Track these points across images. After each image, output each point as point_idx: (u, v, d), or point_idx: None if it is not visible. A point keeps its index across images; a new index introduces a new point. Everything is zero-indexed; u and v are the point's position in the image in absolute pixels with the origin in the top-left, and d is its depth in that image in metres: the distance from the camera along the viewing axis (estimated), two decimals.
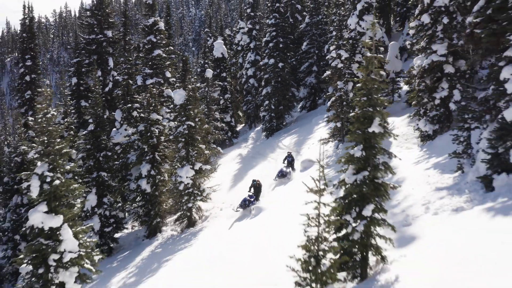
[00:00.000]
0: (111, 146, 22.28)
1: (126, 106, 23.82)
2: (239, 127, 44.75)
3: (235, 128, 40.29)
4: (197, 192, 19.63)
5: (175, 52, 28.29)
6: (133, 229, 23.35)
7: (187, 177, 19.14)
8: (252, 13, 40.27)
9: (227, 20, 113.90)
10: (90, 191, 20.07)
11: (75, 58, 30.09)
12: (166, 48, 25.47)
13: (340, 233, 7.84)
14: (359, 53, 22.06)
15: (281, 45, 33.13)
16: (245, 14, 42.13)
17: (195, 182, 19.63)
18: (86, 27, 30.07)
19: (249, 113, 41.24)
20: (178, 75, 29.93)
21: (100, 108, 20.82)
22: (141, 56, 25.32)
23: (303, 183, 6.04)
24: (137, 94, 24.13)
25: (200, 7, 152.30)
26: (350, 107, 20.19)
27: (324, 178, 5.29)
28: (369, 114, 7.56)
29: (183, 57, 31.64)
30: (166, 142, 21.06)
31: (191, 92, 20.24)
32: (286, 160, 21.90)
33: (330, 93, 22.34)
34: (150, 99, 20.31)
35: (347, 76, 21.25)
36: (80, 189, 13.21)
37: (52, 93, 13.08)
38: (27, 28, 32.09)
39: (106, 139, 21.40)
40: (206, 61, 40.35)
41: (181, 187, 19.19)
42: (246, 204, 18.57)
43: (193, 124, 19.80)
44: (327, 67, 26.79)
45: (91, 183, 20.28)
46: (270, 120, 33.18)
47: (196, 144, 19.97)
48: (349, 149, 7.75)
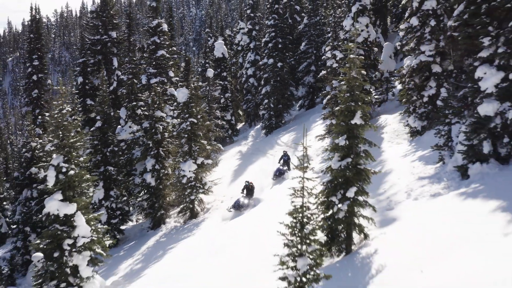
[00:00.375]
0: (116, 143, 23.35)
1: (131, 104, 24.91)
2: (240, 126, 45.79)
3: (236, 126, 41.35)
4: (199, 185, 20.70)
5: (178, 53, 29.35)
6: (138, 222, 24.43)
7: (190, 171, 20.20)
8: (252, 14, 41.31)
9: (228, 20, 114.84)
10: (98, 185, 21.14)
11: (81, 58, 31.18)
12: (169, 49, 26.56)
13: (328, 213, 8.90)
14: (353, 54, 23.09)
15: (280, 46, 34.20)
16: (245, 15, 43.19)
17: (197, 176, 20.70)
18: (91, 28, 31.18)
19: (249, 112, 42.30)
20: (181, 74, 30.99)
21: (107, 106, 21.92)
22: (146, 56, 26.44)
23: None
24: (142, 93, 25.21)
25: (201, 7, 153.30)
26: None
27: (307, 157, 6.34)
28: (352, 108, 8.63)
29: (186, 57, 32.68)
30: (170, 138, 22.13)
31: (194, 91, 21.31)
32: (282, 159, 22.02)
33: (326, 92, 23.38)
34: (155, 98, 21.38)
35: (342, 76, 22.30)
36: (92, 180, 14.32)
37: (67, 91, 14.14)
38: (34, 29, 33.19)
39: (113, 135, 22.50)
40: (207, 61, 41.39)
41: (184, 181, 20.26)
42: (240, 205, 18.91)
43: (196, 121, 20.86)
44: (324, 67, 27.83)
45: (99, 177, 21.34)
46: (269, 118, 34.26)
47: (198, 140, 21.04)
48: (335, 139, 8.83)
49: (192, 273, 13.28)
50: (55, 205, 13.36)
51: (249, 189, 19.86)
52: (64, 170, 13.30)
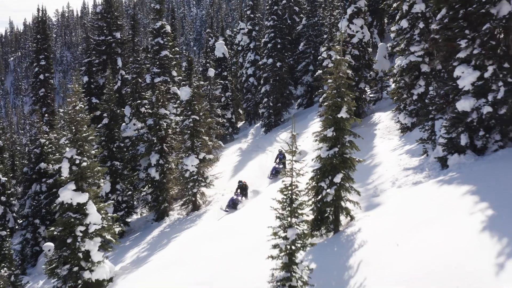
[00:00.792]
0: (122, 139, 24.45)
1: (135, 103, 26.01)
2: (240, 124, 46.88)
3: (236, 125, 42.46)
4: (201, 179, 21.79)
5: (180, 53, 30.50)
6: (142, 215, 25.54)
7: (192, 166, 21.28)
8: (252, 15, 42.38)
9: (228, 20, 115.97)
10: (105, 178, 22.23)
11: (86, 58, 32.32)
12: (172, 49, 27.67)
13: (318, 197, 9.99)
14: (349, 54, 24.18)
15: (279, 46, 35.27)
16: (245, 16, 44.26)
17: (200, 170, 21.79)
18: (96, 29, 32.31)
19: (249, 111, 43.40)
20: (184, 74, 32.09)
21: (113, 104, 23.03)
22: (150, 57, 27.56)
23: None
24: (145, 92, 26.31)
25: (201, 7, 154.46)
26: None
27: (296, 144, 7.39)
28: (338, 104, 9.71)
29: (189, 58, 33.81)
30: (173, 135, 23.22)
31: (196, 89, 22.42)
32: (278, 158, 22.30)
33: (322, 91, 24.45)
34: (159, 96, 22.46)
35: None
36: (103, 171, 15.42)
37: (79, 90, 15.23)
38: (41, 30, 34.34)
39: (119, 132, 23.61)
40: (208, 61, 42.44)
41: (187, 175, 21.35)
42: (234, 203, 19.38)
43: (198, 118, 21.95)
44: (320, 67, 28.90)
45: (106, 172, 22.43)
46: (269, 117, 35.35)
47: (200, 136, 22.12)
48: (323, 131, 9.92)
49: (195, 259, 14.36)
50: (69, 195, 14.41)
51: (243, 188, 20.31)
52: (77, 162, 14.39)
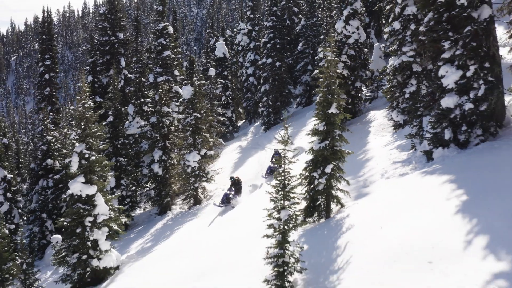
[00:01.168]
0: (125, 137, 25.34)
1: (138, 101, 26.93)
2: (240, 123, 47.80)
3: (236, 123, 43.38)
4: (203, 174, 22.69)
5: (182, 53, 31.41)
6: (145, 210, 26.46)
7: (194, 161, 22.19)
8: (252, 16, 43.30)
9: (228, 20, 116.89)
10: (111, 173, 23.15)
11: (90, 58, 33.21)
12: (175, 50, 28.58)
13: (311, 186, 10.88)
14: (345, 54, 25.06)
15: (278, 46, 36.18)
16: (245, 16, 45.18)
17: (201, 166, 22.69)
18: (100, 30, 33.20)
19: (249, 109, 44.32)
20: (186, 73, 33.02)
21: (118, 102, 23.95)
22: (153, 57, 28.48)
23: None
24: (148, 91, 27.23)
25: (202, 7, 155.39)
26: None
27: (288, 135, 8.25)
28: (329, 100, 10.60)
29: (190, 58, 34.72)
30: (175, 132, 24.13)
31: (197, 88, 23.33)
32: (274, 158, 22.28)
33: (318, 89, 25.29)
34: (162, 94, 23.37)
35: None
36: (110, 165, 16.32)
37: (87, 89, 16.14)
38: (46, 31, 35.26)
39: (123, 129, 24.52)
40: (209, 60, 43.36)
41: (189, 170, 22.25)
42: (228, 198, 19.60)
43: (199, 116, 22.85)
44: (318, 67, 29.75)
45: (111, 167, 23.35)
46: (268, 115, 36.27)
47: (202, 133, 23.02)
48: (315, 126, 10.82)
49: (198, 248, 15.23)
50: (78, 187, 15.37)
51: (236, 184, 20.52)
52: (86, 156, 15.32)
